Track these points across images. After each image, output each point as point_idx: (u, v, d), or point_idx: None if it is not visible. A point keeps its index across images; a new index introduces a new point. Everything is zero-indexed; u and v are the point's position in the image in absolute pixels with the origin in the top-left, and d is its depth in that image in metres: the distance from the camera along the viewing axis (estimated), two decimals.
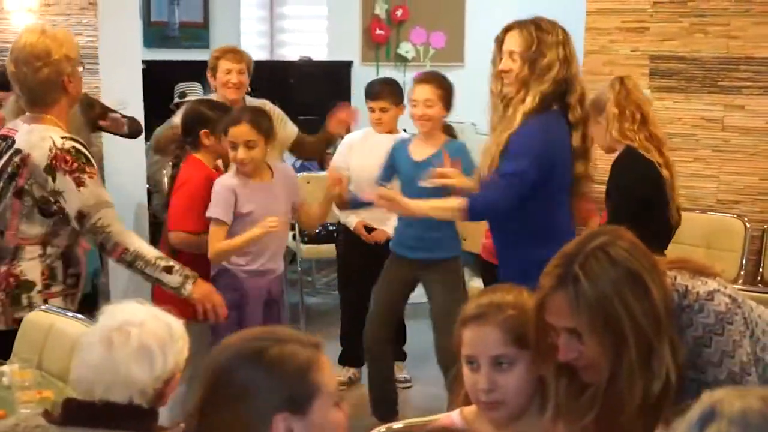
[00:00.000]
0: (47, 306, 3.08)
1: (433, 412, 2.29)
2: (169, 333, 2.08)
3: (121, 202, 4.03)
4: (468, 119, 7.80)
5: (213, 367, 1.72)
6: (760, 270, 4.88)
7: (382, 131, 4.74)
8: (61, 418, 2.05)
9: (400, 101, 4.74)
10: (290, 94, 8.40)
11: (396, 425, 2.38)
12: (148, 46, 8.65)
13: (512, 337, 1.99)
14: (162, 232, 4.21)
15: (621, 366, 1.85)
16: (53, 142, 3.11)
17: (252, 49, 9.04)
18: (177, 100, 6.67)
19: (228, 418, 1.66)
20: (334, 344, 5.17)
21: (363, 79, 5.52)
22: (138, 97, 6.06)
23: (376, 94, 4.73)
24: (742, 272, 4.79)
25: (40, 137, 3.14)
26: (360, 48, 8.40)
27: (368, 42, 8.37)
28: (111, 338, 2.03)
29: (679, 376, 1.89)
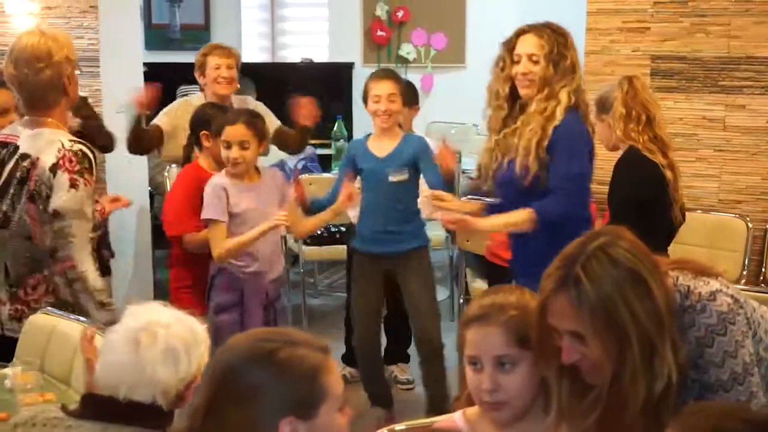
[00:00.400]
0: (50, 308, 3.06)
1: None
2: (193, 336, 2.09)
3: None
4: (469, 120, 7.82)
5: (220, 365, 1.71)
6: (763, 270, 4.87)
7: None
8: (79, 412, 2.06)
9: (415, 102, 4.91)
10: (292, 96, 8.40)
11: (398, 427, 2.38)
12: (150, 48, 8.67)
13: (515, 337, 1.99)
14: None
15: (624, 366, 1.85)
16: (62, 144, 3.09)
17: (253, 52, 9.11)
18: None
19: (234, 418, 1.65)
20: (335, 345, 5.19)
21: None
22: None
23: None
24: (744, 272, 4.79)
25: (48, 141, 3.11)
26: (361, 50, 8.41)
27: (369, 43, 8.38)
28: (138, 338, 2.03)
29: (681, 376, 1.89)
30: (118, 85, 5.71)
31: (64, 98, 3.19)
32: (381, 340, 4.55)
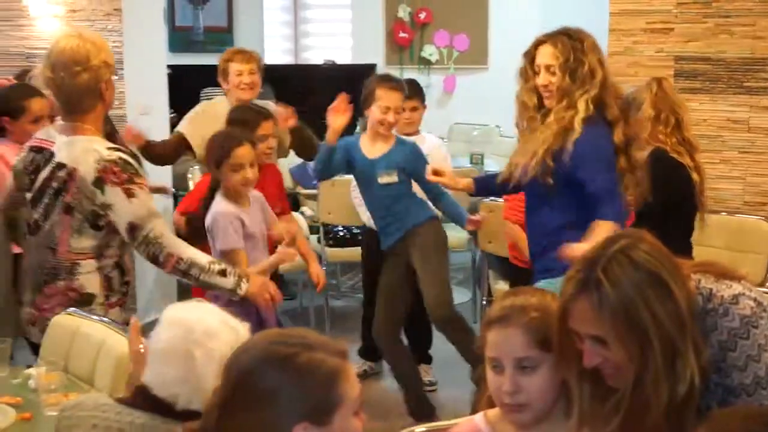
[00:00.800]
0: (73, 309, 3.07)
1: (460, 416, 2.28)
2: (239, 339, 2.05)
3: None
4: (492, 121, 7.82)
5: (236, 366, 1.70)
6: None
7: (410, 131, 4.79)
8: (130, 400, 2.09)
9: (422, 101, 4.93)
10: (314, 98, 8.43)
11: (419, 429, 2.38)
12: (173, 50, 8.73)
13: (536, 339, 1.98)
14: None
15: (646, 370, 1.83)
16: (99, 155, 3.01)
17: (276, 53, 9.15)
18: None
19: (248, 420, 1.65)
20: (358, 347, 5.23)
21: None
22: (163, 102, 6.12)
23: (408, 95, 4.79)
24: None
25: (84, 149, 3.04)
26: (384, 51, 8.42)
27: (392, 45, 8.39)
28: (192, 352, 2.03)
29: (703, 380, 1.87)
30: (142, 87, 5.77)
31: (101, 103, 3.12)
32: (401, 331, 4.56)
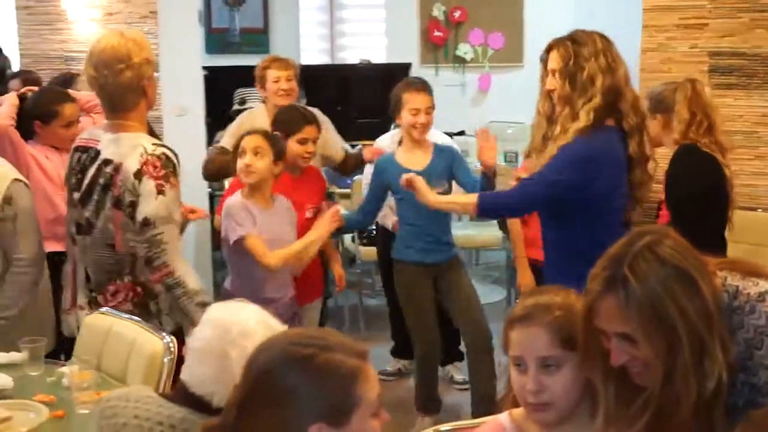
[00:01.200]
0: (107, 309, 3.11)
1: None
2: None
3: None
4: (527, 120, 7.75)
5: (256, 365, 1.72)
6: None
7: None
8: (172, 395, 2.13)
9: None
10: (350, 97, 8.47)
11: (444, 427, 2.38)
12: (210, 52, 8.81)
13: (560, 338, 1.97)
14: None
15: (675, 366, 1.81)
16: (144, 149, 3.06)
17: (312, 54, 9.18)
18: (236, 106, 6.76)
19: (265, 419, 1.66)
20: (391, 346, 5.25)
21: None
22: (199, 104, 6.18)
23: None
24: None
25: (131, 145, 3.08)
26: (418, 50, 8.41)
27: (426, 44, 8.38)
28: (228, 353, 2.05)
29: (730, 376, 1.86)
30: (178, 89, 5.83)
31: (144, 100, 3.15)
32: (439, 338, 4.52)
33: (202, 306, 3.03)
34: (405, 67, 8.31)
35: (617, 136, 3.23)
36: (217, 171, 4.73)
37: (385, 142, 5.02)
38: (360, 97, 8.39)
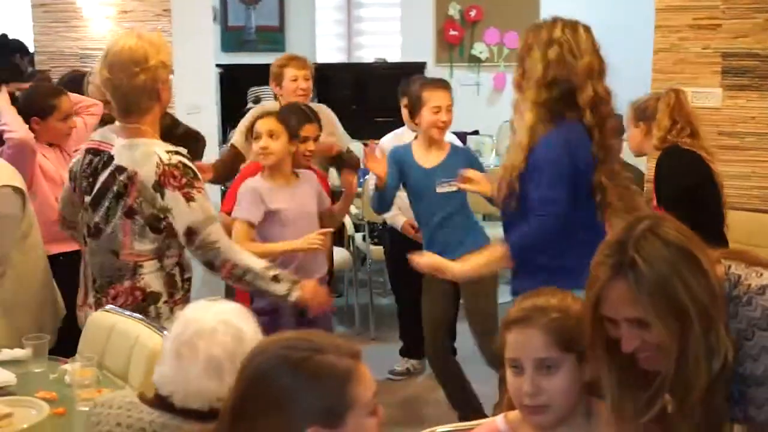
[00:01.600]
0: (111, 306, 3.11)
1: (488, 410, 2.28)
2: (239, 341, 2.04)
3: None
4: None
5: (249, 370, 1.71)
6: None
7: (415, 129, 4.78)
8: (152, 401, 2.12)
9: None
10: (366, 96, 8.48)
11: (440, 429, 2.37)
12: (226, 50, 8.85)
13: (556, 340, 1.96)
14: None
15: (688, 346, 1.81)
16: (159, 158, 2.99)
17: (329, 52, 9.19)
18: (251, 104, 6.77)
19: (260, 425, 1.66)
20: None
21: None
22: (212, 101, 6.20)
23: (405, 92, 4.83)
24: None
25: (145, 153, 3.01)
26: (434, 49, 8.41)
27: (442, 43, 8.38)
28: (180, 352, 2.06)
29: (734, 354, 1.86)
30: (191, 86, 5.84)
31: (157, 104, 3.08)
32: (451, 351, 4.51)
33: (274, 279, 3.11)
34: (420, 66, 8.31)
35: (581, 129, 2.99)
36: (225, 170, 4.72)
37: (389, 142, 5.01)
38: (375, 95, 8.41)
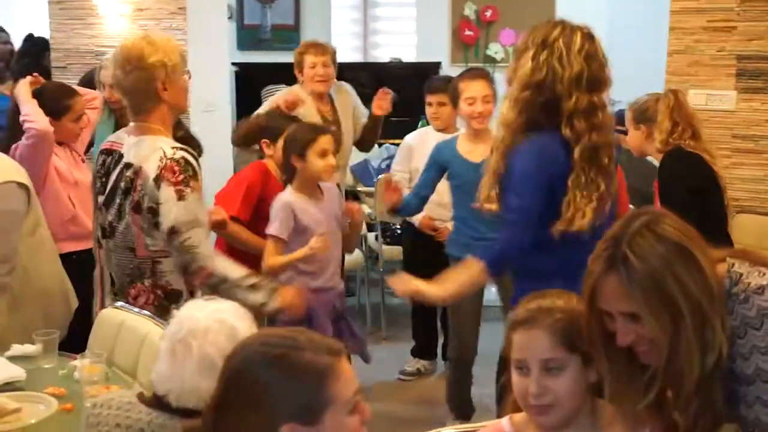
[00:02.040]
0: (121, 303, 3.12)
1: (490, 411, 2.28)
2: (233, 339, 2.04)
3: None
4: None
5: (229, 368, 1.74)
6: None
7: (439, 126, 4.80)
8: (150, 401, 2.14)
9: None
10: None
11: (446, 429, 2.38)
12: (241, 48, 8.87)
13: (562, 340, 1.97)
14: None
15: (679, 341, 1.83)
16: (163, 153, 3.00)
17: (344, 51, 9.18)
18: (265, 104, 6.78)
19: (240, 422, 1.68)
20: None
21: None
22: (226, 100, 6.22)
23: (435, 88, 4.83)
24: None
25: (150, 148, 3.04)
26: (449, 49, 8.38)
27: (457, 43, 8.34)
28: (175, 350, 2.08)
29: (729, 349, 1.87)
30: (206, 84, 5.84)
31: (163, 104, 3.07)
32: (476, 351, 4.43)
33: (252, 288, 3.07)
34: (435, 66, 8.28)
35: (558, 140, 2.85)
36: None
37: (414, 140, 5.02)
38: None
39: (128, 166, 3.07)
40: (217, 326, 2.09)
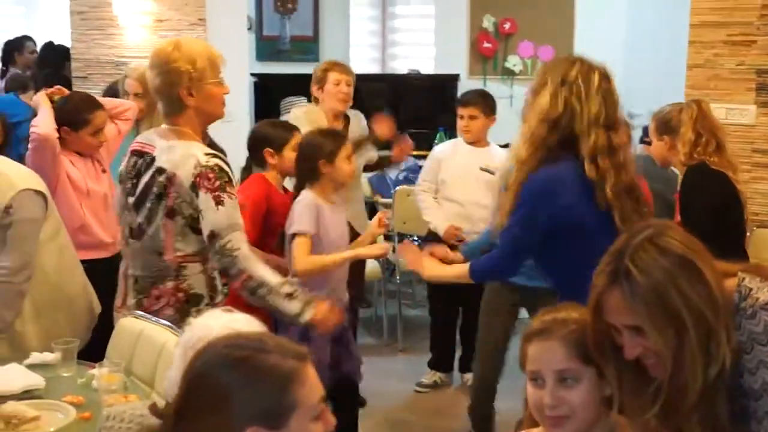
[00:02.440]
0: (140, 312, 3.13)
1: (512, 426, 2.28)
2: None
3: None
4: None
5: (192, 370, 1.71)
6: None
7: (470, 139, 4.84)
8: (162, 413, 2.14)
9: (491, 112, 4.86)
10: (399, 107, 8.50)
11: None
12: (261, 59, 8.91)
13: (576, 352, 1.97)
14: None
15: (683, 354, 1.82)
16: (198, 160, 3.01)
17: (363, 63, 9.23)
18: (284, 114, 6.81)
19: (201, 424, 1.65)
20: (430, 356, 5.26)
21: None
22: (245, 111, 6.25)
23: (467, 101, 4.89)
24: None
25: (184, 155, 3.04)
26: (467, 61, 8.40)
27: (475, 55, 8.36)
28: (186, 357, 2.07)
29: (733, 362, 1.85)
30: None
31: (190, 109, 3.07)
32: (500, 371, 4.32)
33: (289, 297, 3.06)
34: (453, 78, 8.32)
35: (575, 170, 2.85)
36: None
37: (443, 152, 5.03)
38: (409, 107, 8.42)
39: (161, 171, 3.08)
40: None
